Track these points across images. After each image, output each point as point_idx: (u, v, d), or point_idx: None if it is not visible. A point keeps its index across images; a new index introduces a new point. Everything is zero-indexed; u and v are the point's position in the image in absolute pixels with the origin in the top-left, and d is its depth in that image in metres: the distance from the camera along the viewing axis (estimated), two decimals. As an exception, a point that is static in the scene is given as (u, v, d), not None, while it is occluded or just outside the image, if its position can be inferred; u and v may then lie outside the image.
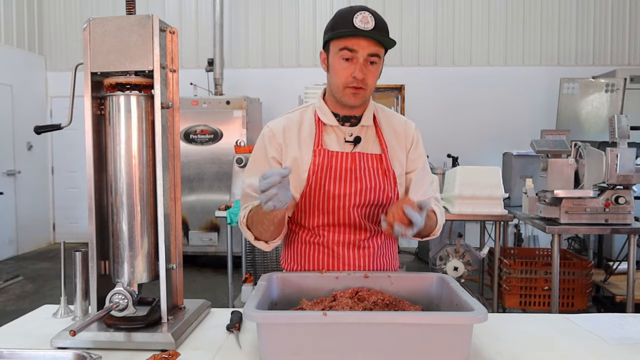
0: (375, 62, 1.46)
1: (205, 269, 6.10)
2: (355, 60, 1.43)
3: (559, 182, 3.35)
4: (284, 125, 1.58)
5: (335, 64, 1.47)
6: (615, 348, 1.32)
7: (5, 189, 6.58)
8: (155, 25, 1.34)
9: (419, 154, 1.64)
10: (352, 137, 1.55)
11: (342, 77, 1.46)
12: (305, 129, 1.57)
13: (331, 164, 1.52)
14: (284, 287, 1.45)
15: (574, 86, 5.97)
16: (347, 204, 1.52)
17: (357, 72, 1.43)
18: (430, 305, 1.42)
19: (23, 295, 5.15)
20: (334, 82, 1.49)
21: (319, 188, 1.51)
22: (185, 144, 6.11)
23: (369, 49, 1.43)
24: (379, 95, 6.78)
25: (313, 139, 1.54)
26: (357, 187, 1.51)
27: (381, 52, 1.46)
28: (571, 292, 3.78)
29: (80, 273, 1.55)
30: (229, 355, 1.27)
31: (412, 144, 1.62)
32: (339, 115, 1.56)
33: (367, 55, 1.43)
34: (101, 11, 7.35)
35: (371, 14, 1.44)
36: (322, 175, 1.51)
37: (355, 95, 1.48)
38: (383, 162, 1.55)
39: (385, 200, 1.54)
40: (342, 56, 1.44)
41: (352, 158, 1.53)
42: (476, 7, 7.10)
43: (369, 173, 1.53)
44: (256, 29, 7.31)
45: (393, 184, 1.56)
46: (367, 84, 1.46)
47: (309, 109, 1.61)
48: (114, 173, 1.37)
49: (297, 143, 1.55)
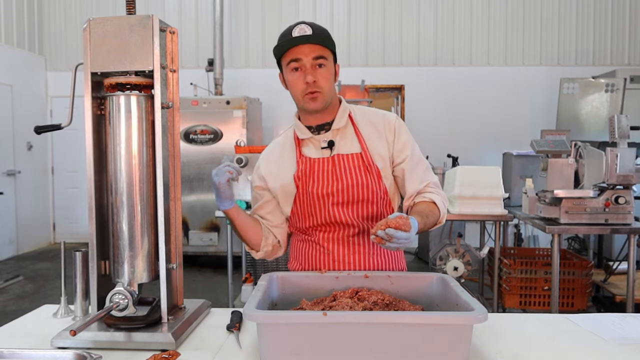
0: (323, 65, 1.53)
1: (205, 269, 6.10)
2: (303, 67, 1.52)
3: (559, 182, 3.35)
4: (269, 151, 1.74)
5: (289, 77, 1.57)
6: (615, 348, 1.32)
7: (5, 189, 6.58)
8: (155, 25, 1.34)
9: (405, 142, 1.64)
10: (326, 142, 1.62)
11: (297, 87, 1.56)
12: (287, 148, 1.68)
13: (313, 169, 1.60)
14: (284, 287, 1.46)
15: (574, 86, 5.97)
16: (329, 202, 1.58)
17: (307, 77, 1.52)
18: (430, 305, 1.42)
19: (23, 295, 5.15)
20: (294, 95, 1.60)
21: (304, 193, 1.60)
22: (185, 144, 6.11)
23: (312, 53, 1.51)
24: (379, 96, 6.79)
25: (295, 154, 1.64)
26: (338, 186, 1.58)
27: (326, 54, 1.54)
28: (571, 292, 3.78)
29: (80, 273, 1.55)
30: (229, 355, 1.27)
31: (395, 135, 1.64)
32: (312, 126, 1.64)
33: (312, 60, 1.51)
34: (101, 11, 7.35)
35: (308, 24, 1.53)
36: (306, 180, 1.60)
37: (313, 99, 1.55)
38: (364, 158, 1.59)
39: (371, 195, 1.58)
40: (291, 67, 1.54)
41: (332, 161, 1.60)
42: (476, 7, 7.10)
43: (350, 172, 1.58)
44: (256, 29, 7.31)
45: (377, 179, 1.59)
46: (321, 86, 1.54)
47: (290, 130, 1.72)
48: (114, 173, 1.38)
49: (280, 169, 1.66)
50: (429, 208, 1.58)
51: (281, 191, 1.65)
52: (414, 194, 1.63)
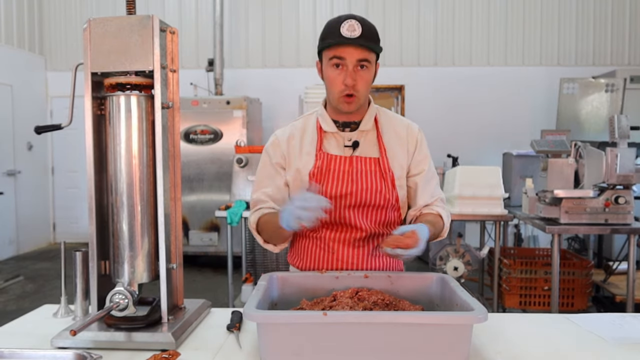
0: (365, 67, 1.52)
1: (206, 269, 6.10)
2: (345, 67, 1.50)
3: (559, 182, 3.35)
4: (289, 134, 1.66)
5: (327, 72, 1.54)
6: (615, 348, 1.32)
7: (5, 189, 6.58)
8: (155, 26, 1.34)
9: (424, 156, 1.67)
10: (350, 142, 1.61)
11: (334, 86, 1.53)
12: (307, 136, 1.64)
13: (330, 167, 1.58)
14: (284, 287, 1.46)
15: (574, 86, 5.97)
16: (345, 205, 1.57)
17: (347, 79, 1.49)
18: (430, 305, 1.42)
19: (23, 295, 5.15)
20: (329, 91, 1.57)
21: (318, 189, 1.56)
22: (185, 144, 6.11)
23: (357, 56, 1.49)
24: (379, 96, 6.78)
25: (315, 145, 1.61)
26: (353, 188, 1.57)
27: (371, 57, 1.52)
28: (571, 292, 3.78)
29: (80, 273, 1.55)
30: (229, 355, 1.27)
31: (416, 147, 1.66)
32: (339, 122, 1.63)
33: (355, 61, 1.49)
34: (101, 11, 7.34)
35: (358, 21, 1.49)
36: (322, 177, 1.58)
37: (348, 103, 1.54)
38: (381, 165, 1.60)
39: (382, 201, 1.58)
40: (333, 64, 1.51)
41: (350, 162, 1.59)
42: (476, 7, 7.10)
43: (366, 176, 1.58)
44: (256, 29, 7.31)
45: (391, 186, 1.60)
46: (358, 89, 1.52)
47: (312, 116, 1.68)
48: (114, 173, 1.38)
49: (299, 152, 1.62)
50: (436, 220, 1.60)
51: (297, 184, 1.60)
52: (422, 206, 1.65)
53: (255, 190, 1.68)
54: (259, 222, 1.63)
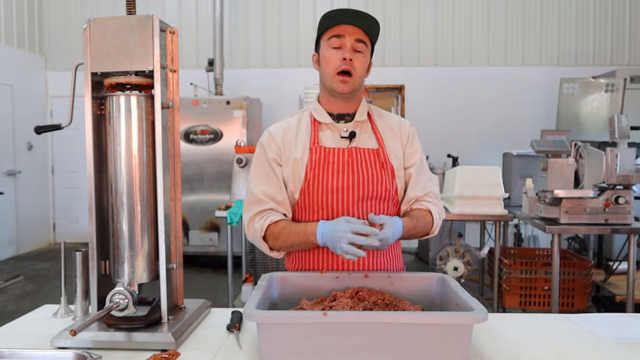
0: (361, 51, 1.54)
1: (206, 269, 6.10)
2: (343, 46, 1.52)
3: (559, 182, 3.35)
4: (283, 128, 1.64)
5: (325, 54, 1.56)
6: (615, 348, 1.32)
7: (5, 189, 6.58)
8: (155, 26, 1.34)
9: (416, 149, 1.67)
10: (347, 132, 1.60)
11: (332, 63, 1.54)
12: (302, 130, 1.62)
13: (328, 160, 1.56)
14: (284, 287, 1.45)
15: (574, 86, 5.96)
16: (346, 197, 1.55)
17: (345, 53, 1.51)
18: (430, 305, 1.42)
19: (23, 295, 5.15)
20: (325, 72, 1.57)
21: (317, 183, 1.54)
22: (185, 144, 6.11)
23: (355, 35, 1.52)
24: (379, 96, 6.78)
25: (309, 139, 1.59)
26: (355, 179, 1.55)
27: (367, 41, 1.55)
28: (571, 292, 3.78)
29: (80, 273, 1.55)
30: (229, 355, 1.27)
31: (409, 140, 1.66)
32: (333, 114, 1.62)
33: (354, 40, 1.52)
34: (101, 11, 7.34)
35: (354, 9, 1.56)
36: (320, 171, 1.55)
37: (344, 83, 1.54)
38: (380, 155, 1.59)
39: (384, 192, 1.57)
40: (331, 45, 1.54)
41: (349, 153, 1.57)
42: (476, 7, 7.10)
43: (366, 166, 1.57)
44: (256, 29, 7.31)
45: (391, 176, 1.59)
46: (355, 68, 1.53)
47: (306, 112, 1.67)
48: (114, 173, 1.38)
49: (295, 145, 1.59)
50: (422, 214, 1.59)
51: (295, 176, 1.56)
52: (413, 200, 1.63)
53: (252, 186, 1.60)
54: (269, 230, 1.54)
